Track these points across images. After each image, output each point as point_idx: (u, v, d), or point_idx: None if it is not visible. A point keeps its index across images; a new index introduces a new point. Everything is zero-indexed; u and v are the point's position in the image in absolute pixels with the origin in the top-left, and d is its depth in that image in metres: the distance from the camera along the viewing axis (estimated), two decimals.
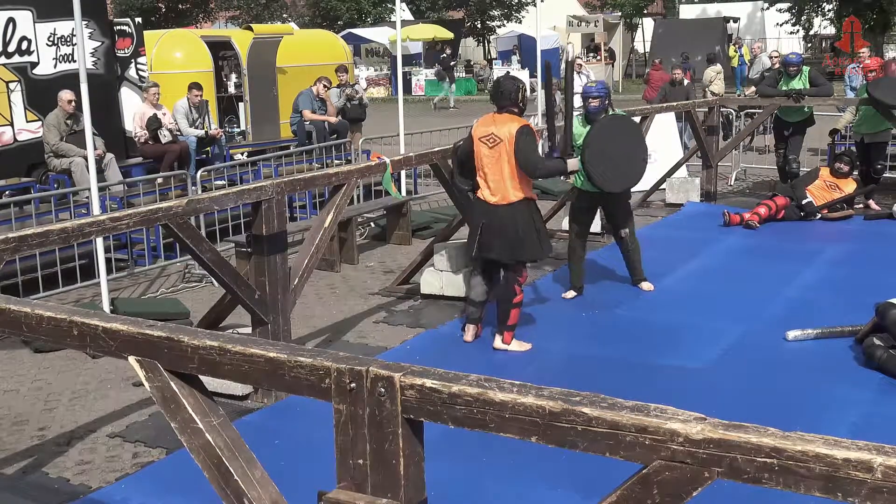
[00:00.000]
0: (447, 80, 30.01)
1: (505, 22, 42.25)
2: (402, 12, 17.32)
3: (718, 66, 18.57)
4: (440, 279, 7.93)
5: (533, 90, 25.59)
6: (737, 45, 23.49)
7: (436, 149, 7.72)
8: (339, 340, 7.06)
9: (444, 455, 3.66)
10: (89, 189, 7.76)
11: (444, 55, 31.49)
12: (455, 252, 7.89)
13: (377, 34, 36.93)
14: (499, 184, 6.38)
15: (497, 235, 6.43)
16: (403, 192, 10.77)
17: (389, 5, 41.91)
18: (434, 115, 24.57)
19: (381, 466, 2.31)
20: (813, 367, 6.06)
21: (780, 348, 6.45)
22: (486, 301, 6.87)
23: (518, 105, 6.48)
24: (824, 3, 35.16)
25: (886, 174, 11.98)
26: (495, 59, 38.64)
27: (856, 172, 11.11)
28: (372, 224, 11.09)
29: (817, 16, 36.44)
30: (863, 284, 7.74)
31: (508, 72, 30.75)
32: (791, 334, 6.55)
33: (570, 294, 7.85)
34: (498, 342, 6.58)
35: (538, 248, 6.56)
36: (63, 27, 10.63)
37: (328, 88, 13.16)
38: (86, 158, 8.19)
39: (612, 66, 32.69)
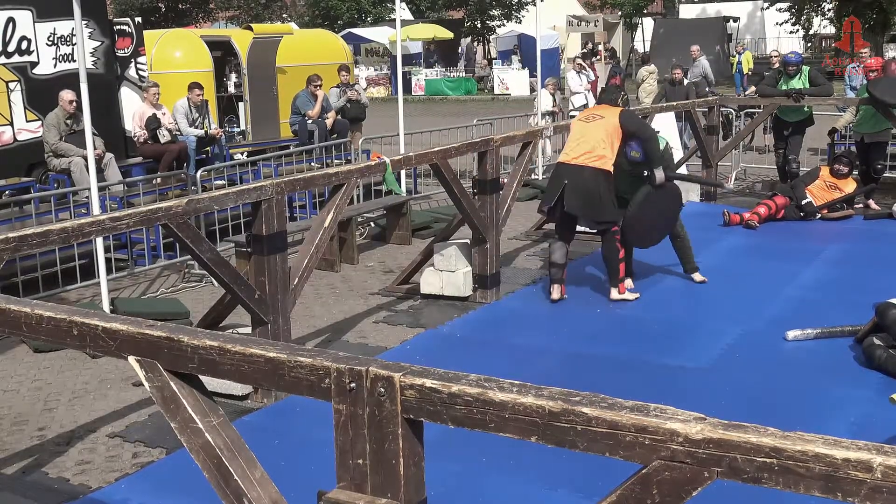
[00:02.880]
0: None
1: (505, 21, 42.25)
2: (401, 12, 17.30)
3: (652, 67, 18.86)
4: (440, 279, 7.92)
5: (533, 90, 25.61)
6: (739, 49, 23.38)
7: (436, 148, 7.72)
8: (338, 340, 7.06)
9: (443, 455, 3.66)
10: (89, 189, 7.77)
11: (586, 49, 29.04)
12: (455, 252, 7.89)
13: (377, 34, 36.95)
14: (589, 150, 7.41)
15: (580, 196, 7.39)
16: (403, 191, 10.76)
17: (389, 5, 41.90)
18: (434, 115, 24.57)
19: (381, 466, 2.31)
20: (813, 366, 6.06)
21: (780, 348, 6.45)
22: (567, 262, 7.75)
23: (617, 104, 7.76)
24: (824, 3, 35.14)
25: (886, 174, 11.98)
26: (495, 58, 38.67)
27: (856, 172, 11.11)
28: (372, 224, 11.09)
29: (817, 15, 36.42)
30: (862, 284, 7.74)
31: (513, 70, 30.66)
32: (791, 334, 6.55)
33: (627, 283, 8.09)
34: (614, 294, 7.61)
35: (616, 212, 7.55)
36: (63, 27, 10.63)
37: (318, 87, 13.00)
38: (85, 158, 8.19)
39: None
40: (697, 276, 8.16)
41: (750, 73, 23.80)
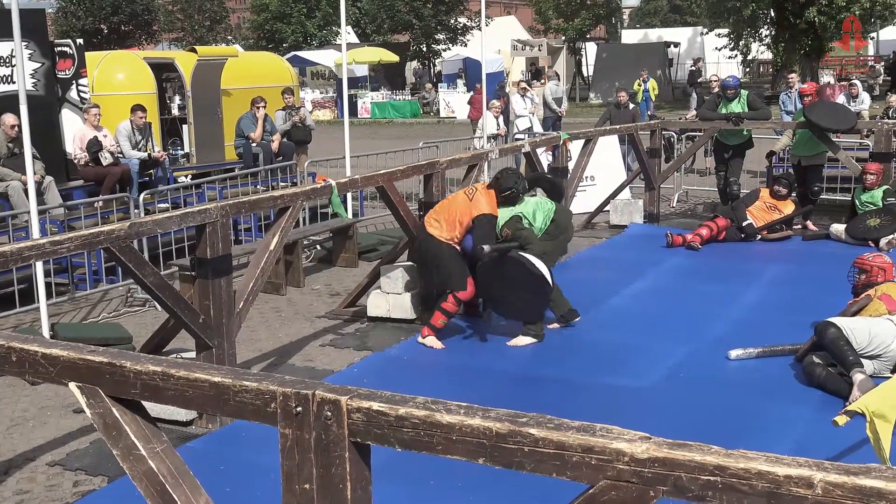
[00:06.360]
0: (693, 95, 21.62)
1: (450, 45, 42.52)
2: (347, 35, 17.34)
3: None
4: (387, 301, 7.91)
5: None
6: (644, 77, 23.46)
7: (382, 171, 7.73)
8: (284, 364, 7.00)
9: (391, 478, 3.64)
10: (28, 212, 7.62)
11: (694, 68, 26.34)
12: (401, 274, 7.89)
13: (323, 57, 36.96)
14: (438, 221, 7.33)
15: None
16: (350, 215, 10.74)
17: (335, 28, 41.97)
18: (380, 138, 24.59)
19: (328, 491, 2.29)
20: (755, 385, 6.15)
21: (723, 367, 6.54)
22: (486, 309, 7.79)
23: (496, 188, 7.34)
24: (762, 29, 35.99)
25: (823, 195, 12.27)
26: (441, 82, 38.86)
27: (794, 194, 11.36)
28: (318, 247, 11.04)
29: (755, 41, 37.29)
30: (802, 304, 7.89)
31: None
32: (733, 353, 6.65)
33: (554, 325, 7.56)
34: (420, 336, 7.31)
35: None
36: (2, 48, 10.45)
37: (260, 108, 12.90)
38: (24, 182, 8.05)
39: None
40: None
41: (655, 99, 24.32)
